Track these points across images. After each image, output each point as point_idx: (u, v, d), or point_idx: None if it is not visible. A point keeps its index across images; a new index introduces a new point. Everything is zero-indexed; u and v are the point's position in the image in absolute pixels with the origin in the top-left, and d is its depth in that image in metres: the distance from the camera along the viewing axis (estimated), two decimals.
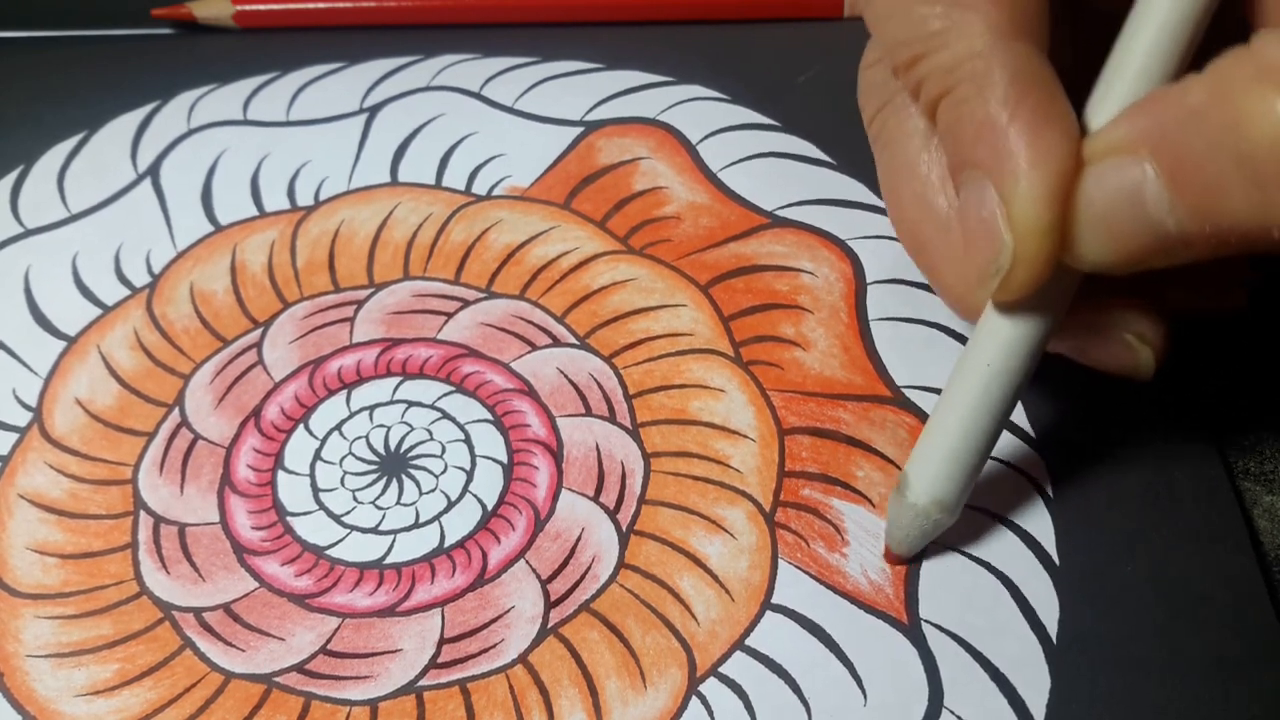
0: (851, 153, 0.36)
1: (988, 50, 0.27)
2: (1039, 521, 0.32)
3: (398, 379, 0.36)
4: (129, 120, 0.43)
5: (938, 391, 0.34)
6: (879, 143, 0.33)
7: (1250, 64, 0.23)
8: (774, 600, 0.31)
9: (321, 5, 0.45)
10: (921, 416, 0.34)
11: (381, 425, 0.35)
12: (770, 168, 0.40)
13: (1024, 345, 0.28)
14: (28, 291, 0.38)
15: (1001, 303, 0.28)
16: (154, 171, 0.41)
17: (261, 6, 0.46)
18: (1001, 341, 0.28)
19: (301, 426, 0.35)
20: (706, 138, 0.41)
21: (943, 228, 0.31)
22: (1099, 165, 0.25)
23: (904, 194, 0.32)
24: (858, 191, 0.39)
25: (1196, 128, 0.24)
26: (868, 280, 0.37)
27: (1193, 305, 0.32)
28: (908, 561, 0.31)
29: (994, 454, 0.33)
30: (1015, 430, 0.34)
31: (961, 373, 0.29)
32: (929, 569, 0.31)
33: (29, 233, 0.40)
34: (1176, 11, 0.26)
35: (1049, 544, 0.32)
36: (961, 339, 0.35)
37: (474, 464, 0.34)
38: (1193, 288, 0.31)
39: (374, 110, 0.43)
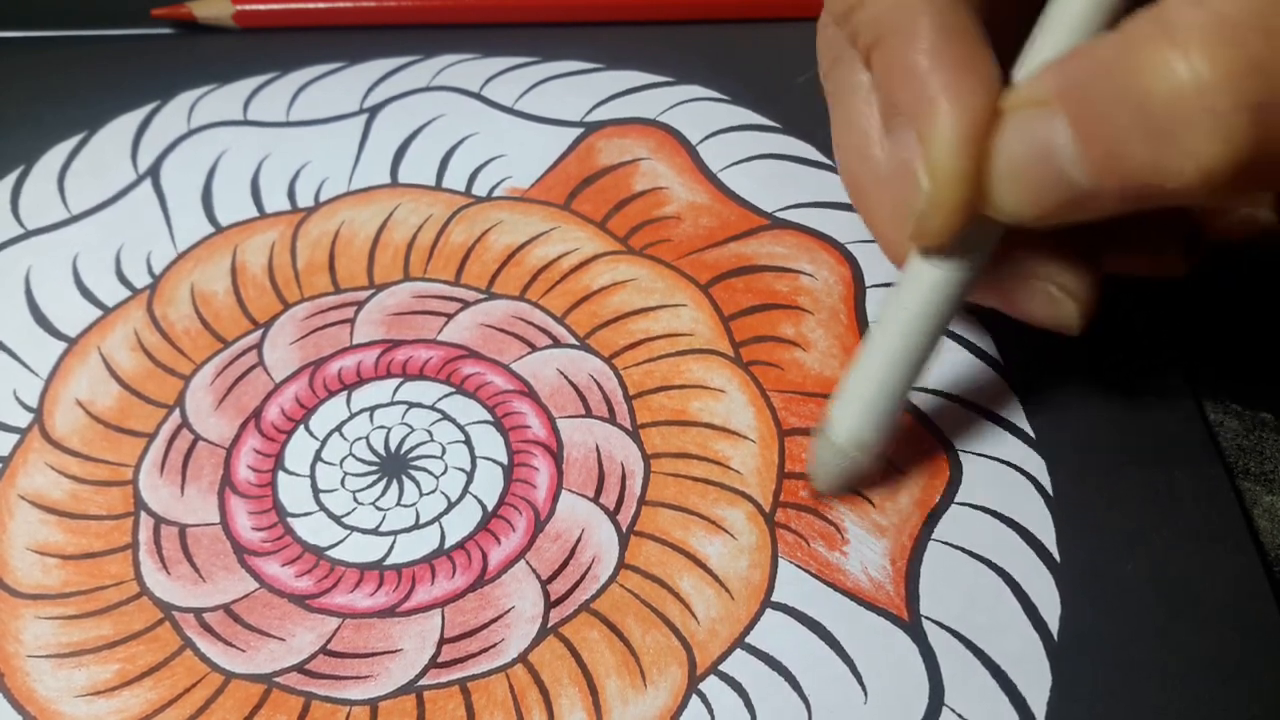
0: None
1: (916, 1, 0.27)
2: (1040, 519, 0.32)
3: (398, 380, 0.36)
4: (129, 120, 0.43)
5: (936, 392, 0.34)
6: (831, 98, 0.34)
7: (1155, 21, 0.24)
8: (774, 598, 0.31)
9: (321, 5, 0.45)
10: (921, 420, 0.34)
11: (382, 426, 0.35)
12: (770, 169, 0.40)
13: (943, 291, 0.29)
14: (28, 292, 0.38)
15: (923, 248, 0.29)
16: (154, 172, 0.41)
17: (261, 6, 0.46)
18: (921, 287, 0.29)
19: (302, 427, 0.35)
20: (706, 138, 0.41)
21: (877, 177, 0.32)
22: (1014, 117, 0.26)
23: (847, 145, 0.33)
24: None
25: (1103, 81, 0.24)
26: (866, 284, 0.37)
27: (1127, 266, 0.32)
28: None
29: (994, 453, 0.33)
30: (1015, 429, 0.34)
31: (883, 317, 0.30)
32: (930, 566, 0.31)
33: (29, 233, 0.40)
34: None
35: (1050, 542, 0.32)
36: (961, 341, 0.35)
37: (474, 465, 0.34)
38: (1125, 247, 0.31)
39: (374, 110, 0.43)
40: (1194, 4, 0.23)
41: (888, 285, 0.37)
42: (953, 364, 0.35)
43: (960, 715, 0.29)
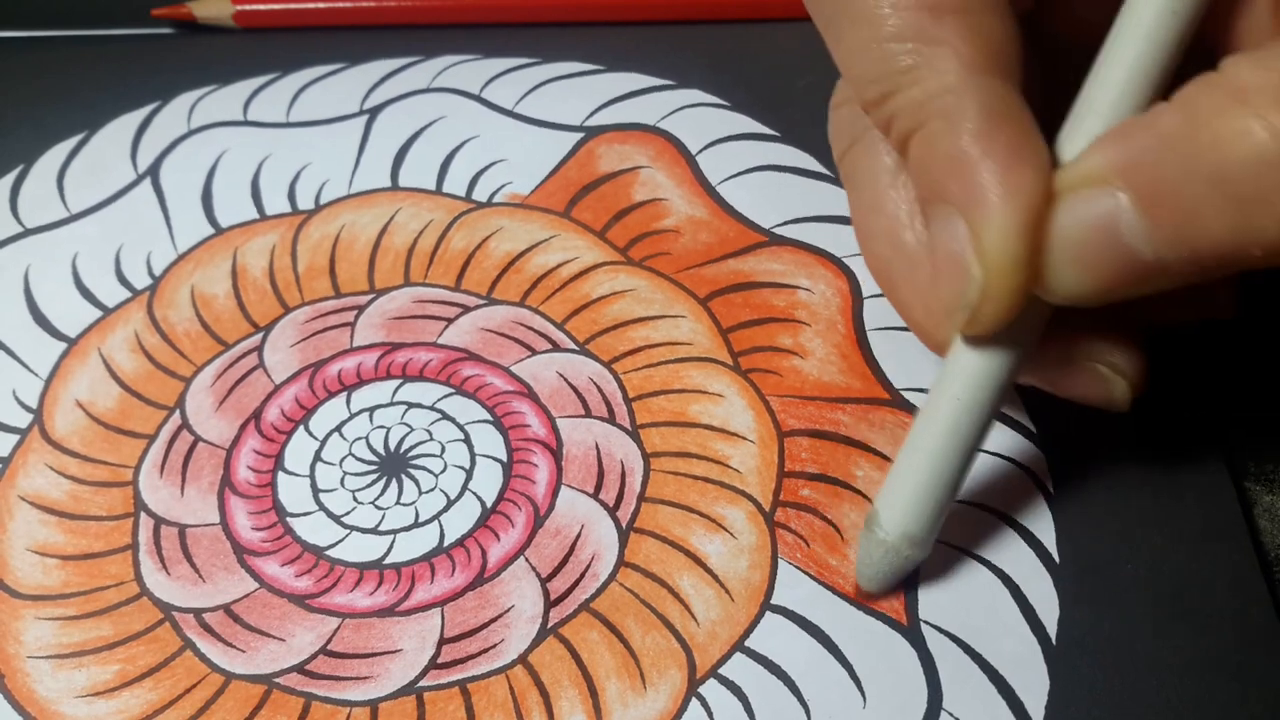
0: None
1: (959, 85, 0.26)
2: (1040, 520, 0.32)
3: (398, 381, 0.36)
4: (129, 120, 0.43)
5: None
6: (850, 180, 0.33)
7: (1221, 88, 0.24)
8: (774, 601, 0.31)
9: (321, 5, 0.46)
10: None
11: (381, 426, 0.35)
12: (769, 182, 0.40)
13: (993, 379, 0.28)
14: (28, 292, 0.38)
15: (970, 337, 0.28)
16: (154, 172, 0.41)
17: (261, 6, 0.46)
18: (970, 375, 0.28)
19: (302, 428, 0.35)
20: (706, 148, 0.41)
21: (911, 263, 0.31)
22: (1072, 196, 0.25)
23: (874, 230, 0.32)
24: None
25: (1169, 153, 0.24)
26: (864, 295, 0.37)
27: (1177, 319, 0.32)
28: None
29: (994, 452, 0.33)
30: (1017, 427, 0.34)
31: (930, 407, 0.29)
32: (929, 569, 0.31)
33: (28, 232, 0.40)
34: (1150, 43, 0.26)
35: (1049, 543, 0.32)
36: None
37: (473, 463, 0.34)
38: (1176, 304, 0.31)
39: (374, 112, 0.43)
40: (1257, 66, 0.23)
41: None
42: None
43: (958, 719, 0.29)
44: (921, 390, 0.35)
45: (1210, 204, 0.23)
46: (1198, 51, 0.26)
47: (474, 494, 0.33)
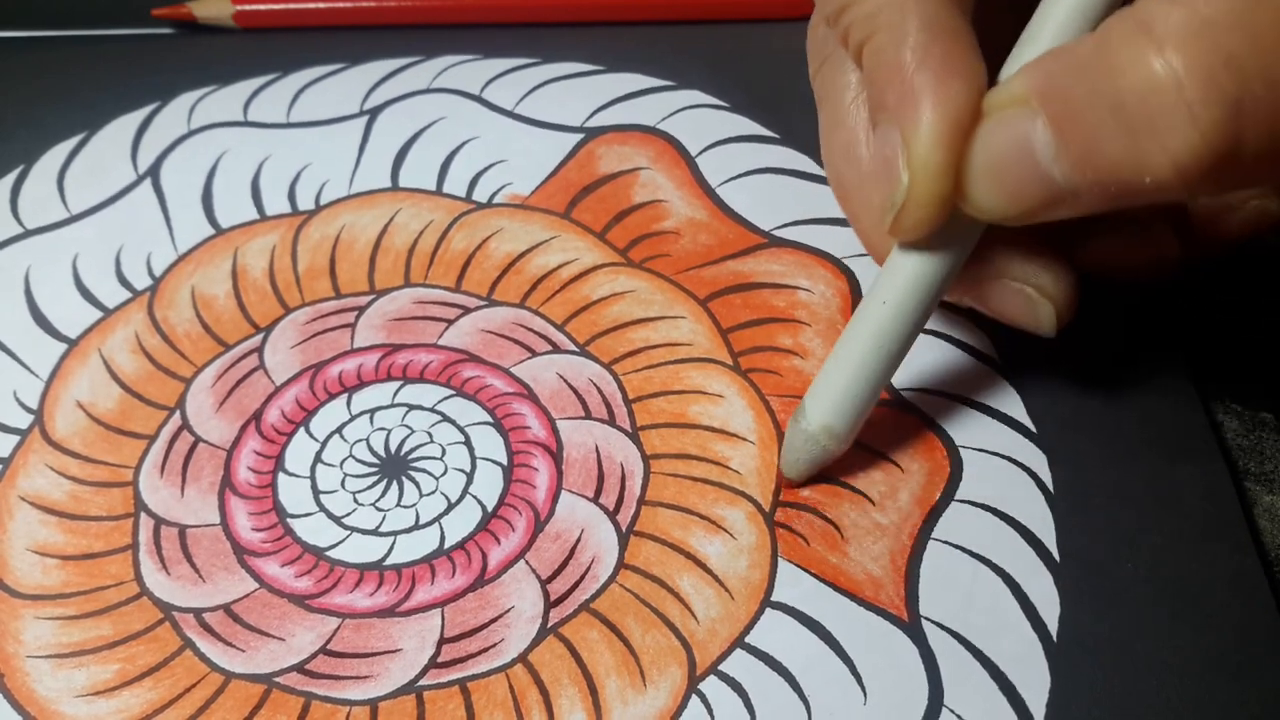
0: None
1: (906, 0, 0.28)
2: (1040, 519, 0.32)
3: (398, 383, 0.36)
4: (129, 121, 0.43)
5: (936, 393, 0.34)
6: (819, 98, 0.35)
7: (1133, 19, 0.25)
8: (774, 598, 0.31)
9: (322, 5, 0.46)
10: (921, 417, 0.34)
11: (382, 428, 0.35)
12: (768, 184, 0.40)
13: (920, 286, 0.30)
14: (28, 293, 0.38)
15: (903, 244, 0.30)
16: (154, 173, 0.41)
17: (261, 6, 0.46)
18: (899, 281, 0.30)
19: (302, 429, 0.35)
20: (706, 150, 0.41)
21: (863, 176, 0.33)
22: (996, 115, 0.27)
23: (834, 145, 0.34)
24: None
25: (1080, 79, 0.25)
26: (864, 295, 0.37)
27: (1115, 264, 0.33)
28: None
29: (995, 450, 0.33)
30: (1017, 426, 0.34)
31: (861, 311, 0.31)
32: (930, 565, 0.31)
33: (29, 233, 0.40)
34: None
35: (1050, 541, 0.32)
36: (960, 344, 0.36)
37: (474, 466, 0.34)
38: (1108, 242, 0.32)
39: (375, 113, 0.43)
40: (1172, 2, 0.24)
41: None
42: (954, 360, 0.35)
43: (959, 716, 0.29)
44: (921, 390, 0.35)
45: (1109, 129, 0.25)
46: None
47: (474, 498, 0.33)
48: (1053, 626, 0.30)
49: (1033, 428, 0.34)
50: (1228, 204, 0.33)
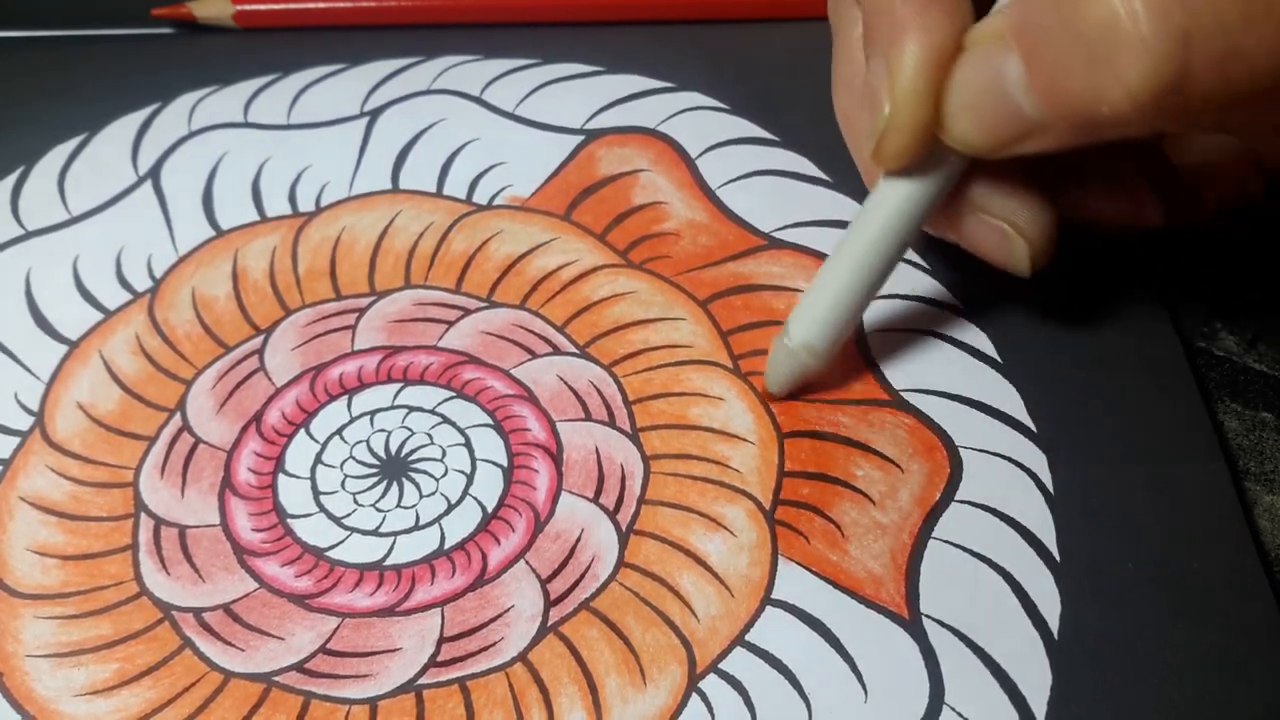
0: (848, 171, 0.36)
1: None
2: (1040, 518, 0.32)
3: (398, 385, 0.36)
4: (130, 122, 0.43)
5: (936, 394, 0.35)
6: (833, 32, 0.36)
7: None
8: (774, 596, 0.31)
9: (321, 5, 0.46)
10: (921, 417, 0.34)
11: (382, 430, 0.35)
12: (769, 186, 0.40)
13: (900, 216, 0.31)
14: (29, 294, 0.38)
15: (888, 173, 0.31)
16: (155, 174, 0.41)
17: (261, 6, 0.46)
18: (882, 210, 0.31)
19: (302, 431, 0.35)
20: (706, 151, 0.41)
21: (861, 107, 0.33)
22: (975, 49, 0.28)
23: (840, 77, 0.35)
24: (853, 212, 0.39)
25: (1050, 13, 0.26)
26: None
27: (1098, 211, 0.34)
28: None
29: (995, 450, 0.33)
30: (1017, 425, 0.34)
31: (846, 235, 0.32)
32: (930, 564, 0.31)
33: (29, 234, 0.40)
34: None
35: (1050, 541, 0.32)
36: (960, 345, 0.36)
37: (474, 467, 0.34)
38: (1090, 184, 0.33)
39: (375, 114, 0.43)
40: None
41: (884, 297, 0.37)
42: (954, 360, 0.35)
43: (960, 714, 0.29)
44: (921, 391, 0.35)
45: (1072, 60, 0.26)
46: None
47: (474, 499, 0.33)
48: (1054, 625, 0.30)
49: (1033, 428, 0.34)
50: (1209, 173, 0.34)
